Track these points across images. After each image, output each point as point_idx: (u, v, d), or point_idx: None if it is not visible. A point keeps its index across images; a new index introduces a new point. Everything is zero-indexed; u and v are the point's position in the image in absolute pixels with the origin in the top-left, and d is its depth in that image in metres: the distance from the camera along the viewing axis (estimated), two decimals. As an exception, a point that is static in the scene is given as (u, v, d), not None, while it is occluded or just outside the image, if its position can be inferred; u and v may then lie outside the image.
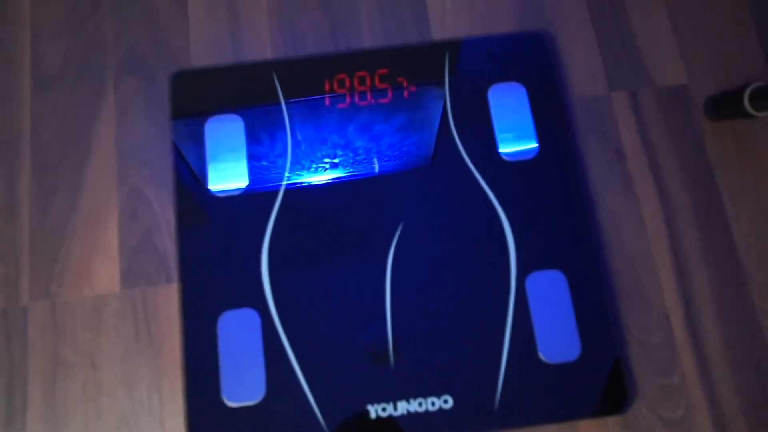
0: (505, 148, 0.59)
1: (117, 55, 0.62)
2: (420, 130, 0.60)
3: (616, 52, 0.64)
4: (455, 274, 0.56)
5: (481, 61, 0.62)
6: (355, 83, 0.61)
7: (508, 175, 0.59)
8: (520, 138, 0.60)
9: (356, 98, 0.60)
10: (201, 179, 0.57)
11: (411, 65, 0.61)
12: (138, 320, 0.56)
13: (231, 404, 0.52)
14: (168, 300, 0.56)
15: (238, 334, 0.54)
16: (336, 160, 0.58)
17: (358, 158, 0.58)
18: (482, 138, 0.60)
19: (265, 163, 0.58)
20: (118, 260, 0.57)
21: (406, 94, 0.61)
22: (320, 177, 0.58)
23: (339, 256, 0.56)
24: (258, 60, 0.63)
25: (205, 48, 0.63)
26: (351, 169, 0.58)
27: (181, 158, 0.58)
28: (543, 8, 0.65)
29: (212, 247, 0.56)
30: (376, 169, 0.58)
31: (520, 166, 0.59)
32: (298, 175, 0.58)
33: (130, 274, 0.57)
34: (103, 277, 0.57)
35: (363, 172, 0.58)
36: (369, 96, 0.60)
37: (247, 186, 0.57)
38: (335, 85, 0.60)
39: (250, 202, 0.57)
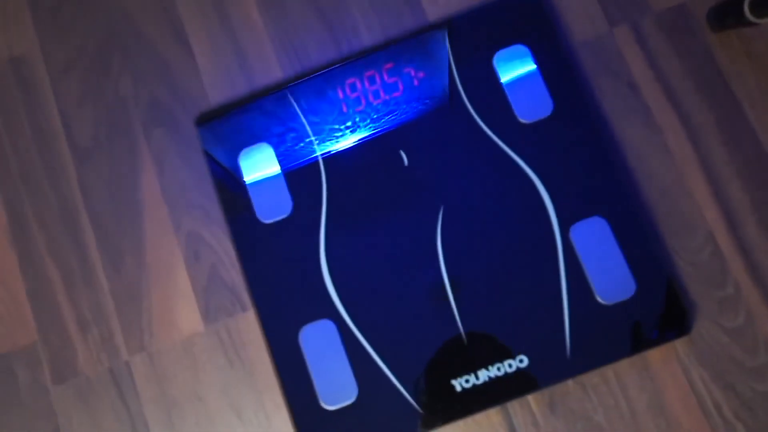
0: (521, 112, 0.59)
1: (140, 111, 0.64)
2: (436, 113, 0.60)
3: (608, -14, 0.63)
4: (503, 239, 0.57)
5: (480, 32, 0.62)
6: (366, 84, 0.61)
7: (530, 136, 0.59)
8: (533, 99, 0.60)
9: (370, 98, 0.61)
10: (249, 210, 0.59)
11: (413, 53, 0.61)
12: (227, 351, 0.59)
13: (330, 408, 0.55)
14: (249, 326, 0.59)
15: (320, 344, 0.56)
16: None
17: (385, 157, 0.59)
18: (497, 107, 0.60)
19: (303, 184, 0.59)
20: (195, 300, 0.60)
21: (416, 82, 0.61)
22: (356, 186, 0.59)
23: (391, 251, 0.58)
24: (270, 84, 0.63)
25: (219, 83, 0.64)
26: (382, 169, 0.59)
27: (224, 195, 0.60)
28: (528, -39, 0.64)
29: (275, 269, 0.58)
30: (406, 163, 0.59)
31: (539, 125, 0.59)
32: (336, 188, 0.59)
33: (209, 311, 0.60)
34: (185, 319, 0.60)
35: (394, 168, 0.59)
36: (381, 93, 0.61)
37: (293, 209, 0.59)
38: (348, 91, 0.61)
39: (299, 222, 0.59)
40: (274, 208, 0.59)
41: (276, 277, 0.58)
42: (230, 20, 0.65)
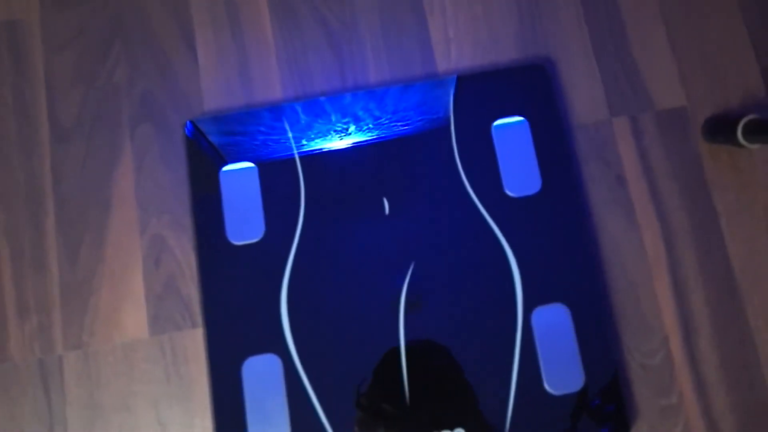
0: (510, 186, 0.57)
1: (131, 103, 0.60)
2: (426, 167, 0.58)
3: (616, 77, 0.62)
4: (466, 311, 0.55)
5: (485, 95, 0.60)
6: (363, 121, 0.58)
7: (513, 211, 0.57)
8: (524, 176, 0.58)
9: (364, 136, 0.58)
10: (219, 228, 0.56)
11: (416, 100, 0.59)
12: (167, 364, 0.56)
13: (259, 445, 0.52)
14: (195, 344, 0.56)
15: (262, 378, 0.53)
16: (348, 204, 0.57)
17: (367, 201, 0.57)
18: (487, 174, 0.58)
19: (279, 212, 0.56)
20: (145, 307, 0.57)
21: (412, 130, 0.58)
22: (333, 224, 0.56)
23: (356, 300, 0.55)
24: (268, 101, 0.60)
25: (216, 91, 0.61)
26: (362, 213, 0.57)
27: (198, 207, 0.57)
28: (545, 36, 0.62)
29: (233, 293, 0.55)
30: (387, 211, 0.57)
31: (524, 201, 0.57)
32: (312, 222, 0.56)
33: (158, 320, 0.56)
34: (131, 324, 0.56)
35: (373, 215, 0.57)
36: (377, 133, 0.58)
37: (264, 235, 0.56)
38: (344, 124, 0.58)
39: (268, 250, 0.56)
40: (245, 231, 0.56)
41: (233, 301, 0.55)
42: (241, 30, 0.61)
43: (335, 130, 0.58)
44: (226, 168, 0.57)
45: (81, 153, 0.59)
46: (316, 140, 0.58)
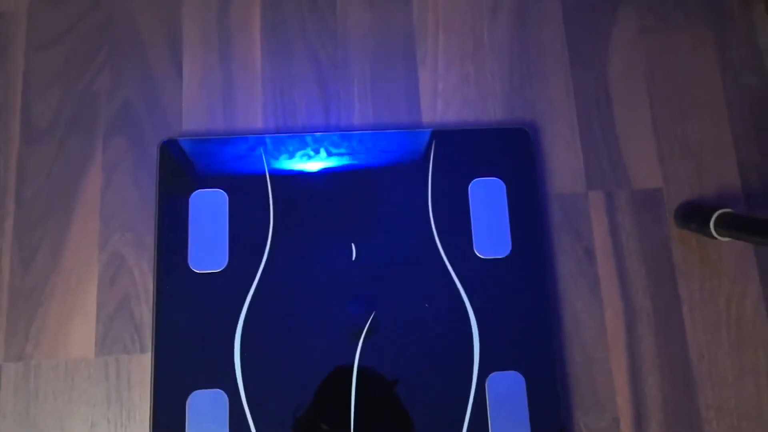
0: (480, 247, 0.61)
1: (108, 113, 0.62)
2: (397, 217, 0.61)
3: (598, 151, 0.66)
4: (422, 367, 0.58)
5: (465, 152, 0.63)
6: (341, 161, 0.61)
7: (480, 272, 0.60)
8: (495, 237, 0.61)
9: (340, 176, 0.61)
10: (182, 254, 0.58)
11: (397, 148, 0.62)
12: (110, 387, 0.57)
13: (193, 482, 0.54)
14: (141, 369, 0.58)
15: (206, 414, 0.55)
16: (315, 245, 0.60)
17: (336, 245, 0.60)
18: (458, 232, 0.61)
19: (245, 245, 0.59)
20: (95, 325, 0.58)
21: (389, 176, 0.62)
22: (298, 263, 0.59)
23: (311, 344, 0.57)
24: (247, 130, 0.63)
25: (197, 113, 0.63)
26: (329, 256, 0.59)
27: (163, 229, 0.59)
28: (532, 101, 0.66)
29: (188, 322, 0.57)
30: (353, 256, 0.60)
31: (493, 263, 0.61)
32: (277, 259, 0.59)
33: (106, 340, 0.58)
34: (78, 341, 0.58)
35: (340, 259, 0.59)
36: (352, 175, 0.61)
37: (226, 266, 0.58)
38: (321, 162, 0.61)
39: (228, 283, 0.58)
40: (208, 259, 0.58)
41: (187, 330, 0.57)
42: (231, 54, 0.64)
43: (312, 169, 0.61)
44: (196, 192, 0.60)
45: (50, 157, 0.61)
46: (291, 176, 0.61)
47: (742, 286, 0.64)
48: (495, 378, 0.58)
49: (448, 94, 0.66)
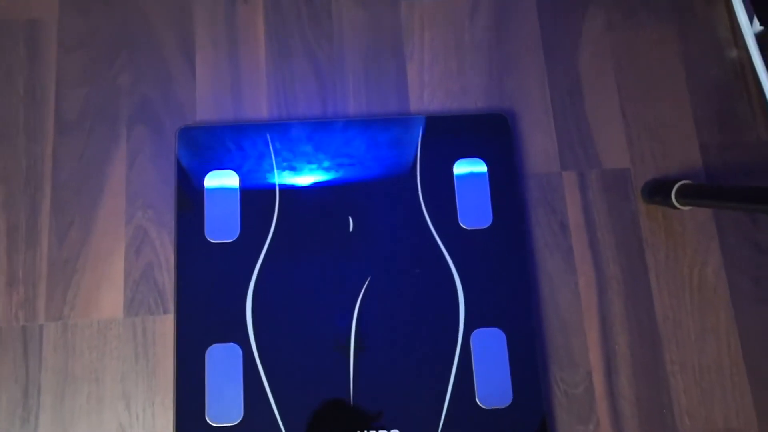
0: (464, 219, 0.75)
1: (130, 105, 0.77)
2: (391, 193, 0.75)
3: (570, 135, 0.80)
4: (413, 324, 0.72)
5: (450, 136, 0.77)
6: (339, 145, 0.76)
7: (464, 241, 0.74)
8: (477, 210, 0.75)
9: (339, 159, 0.75)
10: (198, 225, 0.73)
11: (389, 132, 0.77)
12: (137, 344, 0.71)
13: (213, 424, 0.68)
14: (164, 328, 0.72)
15: (222, 364, 0.69)
16: (317, 223, 0.74)
17: (335, 217, 0.74)
18: (444, 206, 0.75)
19: (255, 217, 0.73)
20: (123, 290, 0.73)
21: (383, 158, 0.76)
22: (301, 233, 0.73)
23: (315, 303, 0.71)
24: (254, 118, 0.78)
25: (209, 104, 0.78)
26: (329, 227, 0.74)
27: (182, 204, 0.73)
28: (510, 90, 0.81)
29: (205, 286, 0.71)
30: (351, 228, 0.74)
31: (476, 234, 0.75)
32: (283, 230, 0.73)
33: (132, 303, 0.72)
34: (108, 304, 0.72)
35: (339, 230, 0.73)
36: (350, 158, 0.76)
37: (238, 236, 0.73)
38: (320, 146, 0.76)
39: (240, 251, 0.72)
40: (222, 231, 0.73)
41: (204, 293, 0.71)
42: (238, 52, 0.80)
43: (312, 152, 0.75)
44: (210, 173, 0.74)
45: (80, 145, 0.76)
46: (294, 158, 0.75)
47: (704, 255, 0.78)
48: (479, 334, 0.72)
49: (434, 85, 0.81)
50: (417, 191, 0.75)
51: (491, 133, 0.78)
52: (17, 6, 0.79)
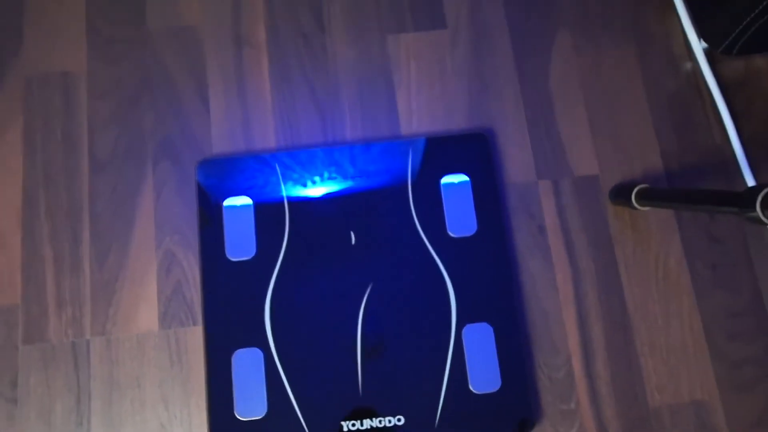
0: (452, 228, 0.84)
1: (154, 144, 0.87)
2: (387, 209, 0.84)
3: (544, 148, 0.89)
4: (411, 323, 0.81)
5: (437, 155, 0.87)
6: (339, 168, 0.85)
7: (453, 247, 0.83)
8: (463, 219, 0.84)
9: (339, 180, 0.85)
10: (220, 247, 0.82)
11: (382, 155, 0.86)
12: (172, 353, 0.81)
13: (242, 419, 0.77)
14: (195, 338, 0.81)
15: (247, 366, 0.79)
16: (322, 237, 0.83)
17: (338, 232, 0.83)
18: (434, 218, 0.84)
19: (268, 237, 0.82)
20: (157, 306, 0.82)
21: (378, 178, 0.85)
22: (310, 249, 0.83)
23: (324, 309, 0.81)
24: (264, 148, 0.87)
25: (223, 138, 0.87)
26: (333, 241, 0.83)
27: (204, 229, 0.83)
28: (489, 110, 0.90)
29: (228, 299, 0.81)
30: (353, 241, 0.83)
31: (463, 241, 0.84)
32: (293, 247, 0.82)
33: (166, 317, 0.82)
34: (145, 319, 0.82)
35: (342, 244, 0.83)
36: (350, 179, 0.85)
37: (255, 254, 0.82)
38: (323, 170, 0.85)
39: (257, 267, 0.82)
40: (241, 250, 0.82)
41: (227, 305, 0.81)
42: (245, 91, 0.89)
43: (316, 177, 0.85)
44: (227, 201, 0.84)
45: (113, 181, 0.85)
46: (301, 182, 0.84)
47: (666, 248, 0.86)
48: (469, 328, 0.81)
49: (421, 111, 0.90)
50: (409, 205, 0.85)
51: (473, 150, 0.87)
52: (52, 60, 0.89)
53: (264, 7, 0.92)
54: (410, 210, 0.84)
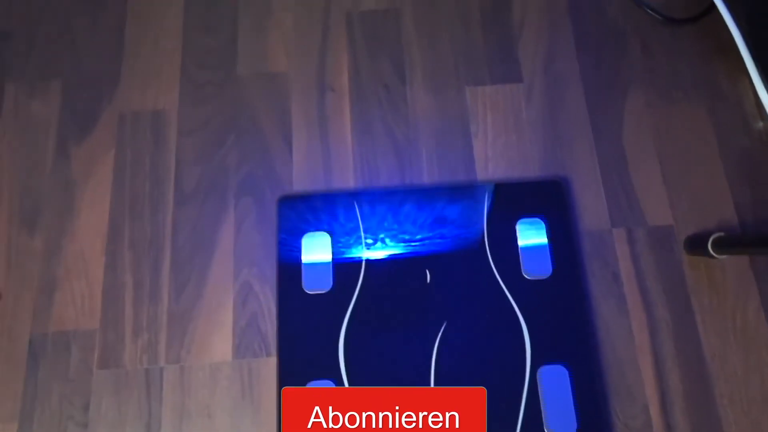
0: (527, 270, 0.83)
1: (237, 180, 0.88)
2: (463, 250, 0.84)
3: (618, 197, 0.88)
4: (485, 361, 0.79)
5: (512, 199, 0.86)
6: (415, 213, 0.85)
7: (528, 290, 0.82)
8: (538, 262, 0.83)
9: (418, 223, 0.85)
10: (297, 280, 0.82)
11: (459, 200, 0.86)
12: (244, 383, 0.79)
13: (313, 451, 0.75)
14: (268, 370, 0.80)
15: (320, 399, 0.77)
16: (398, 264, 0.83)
17: (414, 270, 0.82)
18: (509, 260, 0.83)
19: (345, 272, 0.82)
20: (231, 337, 0.81)
21: (455, 222, 0.85)
22: (385, 285, 0.82)
23: (398, 346, 0.79)
24: (343, 188, 0.88)
25: (304, 177, 0.89)
26: (409, 278, 0.82)
27: (282, 263, 0.83)
28: (563, 159, 0.90)
29: (303, 331, 0.80)
30: (428, 280, 0.82)
31: (538, 283, 0.82)
32: (369, 282, 0.82)
33: (240, 348, 0.81)
34: (219, 348, 0.81)
35: (418, 282, 0.82)
36: (427, 225, 0.85)
37: (331, 287, 0.81)
38: (401, 212, 0.85)
39: (333, 300, 0.81)
40: (317, 283, 0.82)
41: (301, 338, 0.80)
42: (328, 135, 0.91)
43: (394, 217, 0.85)
44: (306, 234, 0.84)
45: (195, 214, 0.87)
46: (379, 222, 0.85)
47: (744, 299, 0.84)
48: (545, 370, 0.78)
49: (497, 158, 0.90)
50: (485, 247, 0.84)
51: (548, 197, 0.87)
52: (146, 100, 0.92)
53: (348, 57, 0.95)
54: (486, 250, 0.84)
